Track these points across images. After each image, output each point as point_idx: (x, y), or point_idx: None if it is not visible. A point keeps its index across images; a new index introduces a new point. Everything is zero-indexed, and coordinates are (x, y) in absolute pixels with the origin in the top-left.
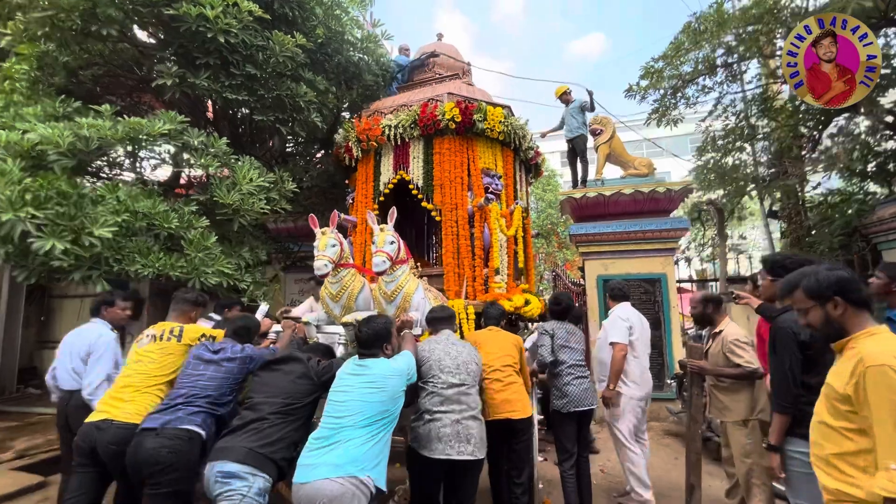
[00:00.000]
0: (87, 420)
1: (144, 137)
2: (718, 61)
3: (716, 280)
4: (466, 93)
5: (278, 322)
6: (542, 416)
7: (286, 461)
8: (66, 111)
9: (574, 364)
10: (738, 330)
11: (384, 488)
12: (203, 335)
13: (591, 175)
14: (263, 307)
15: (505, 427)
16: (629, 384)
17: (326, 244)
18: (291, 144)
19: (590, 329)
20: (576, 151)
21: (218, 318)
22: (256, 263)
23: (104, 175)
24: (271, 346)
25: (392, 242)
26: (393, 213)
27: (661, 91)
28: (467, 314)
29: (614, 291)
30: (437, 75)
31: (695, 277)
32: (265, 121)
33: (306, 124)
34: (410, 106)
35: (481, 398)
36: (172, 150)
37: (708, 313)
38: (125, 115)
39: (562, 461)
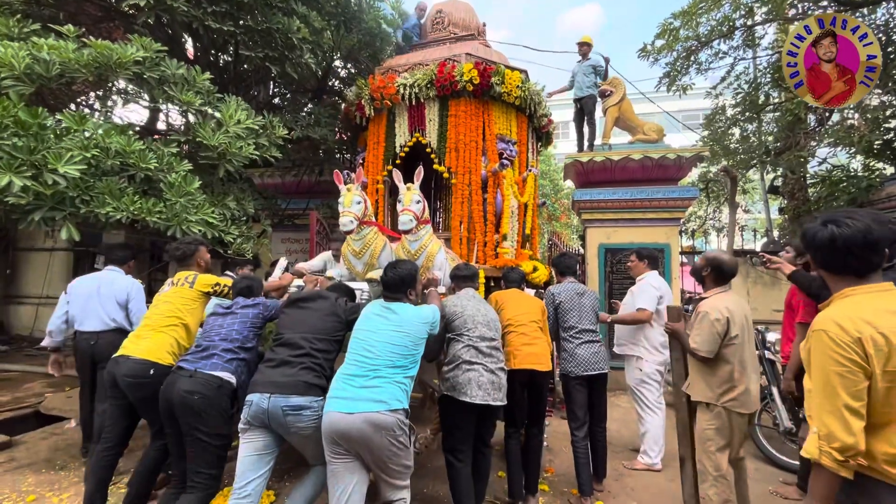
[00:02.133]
0: (113, 355)
1: (115, 65)
2: (738, 23)
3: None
4: (484, 54)
5: (300, 277)
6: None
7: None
8: (22, 32)
9: (584, 329)
10: (720, 303)
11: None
12: (217, 283)
13: (598, 140)
14: (283, 262)
15: (527, 378)
16: (651, 350)
17: (352, 201)
18: (278, 94)
19: None
20: (583, 112)
21: (233, 275)
22: (243, 217)
23: (73, 112)
24: None
25: (418, 202)
26: (419, 171)
27: (675, 53)
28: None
29: (652, 255)
30: (452, 34)
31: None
32: (252, 57)
33: (299, 65)
34: (426, 65)
35: (503, 351)
36: (148, 83)
37: (702, 275)
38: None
39: (573, 429)
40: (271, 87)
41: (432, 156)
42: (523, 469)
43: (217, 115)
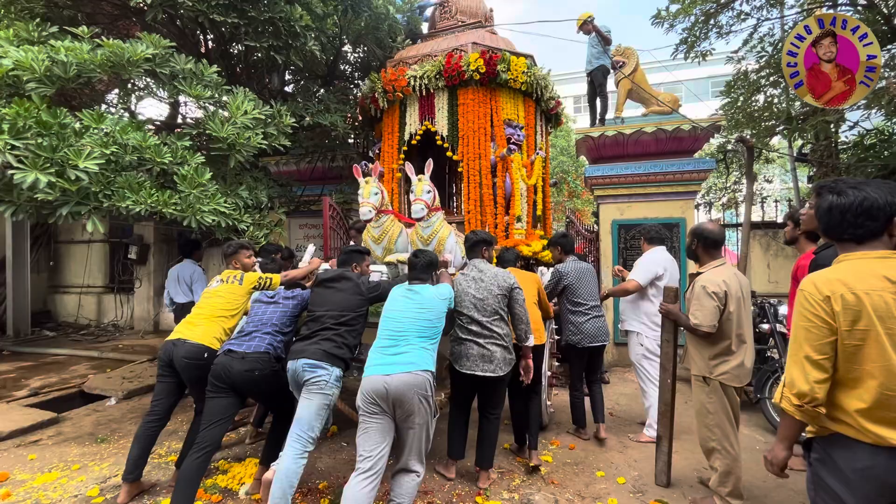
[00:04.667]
0: (166, 339)
1: (127, 63)
2: None
3: (738, 225)
4: (490, 42)
5: (327, 262)
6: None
7: (348, 359)
8: (41, 36)
9: (593, 305)
10: (717, 277)
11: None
12: (260, 278)
13: (610, 114)
14: (311, 248)
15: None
16: (651, 325)
17: (370, 192)
18: (291, 82)
19: (601, 275)
20: (594, 85)
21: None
22: (256, 205)
23: (91, 111)
24: None
25: (429, 191)
26: (429, 164)
27: (692, 18)
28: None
29: (650, 234)
30: (460, 22)
31: (709, 224)
32: (258, 47)
33: (303, 53)
34: (435, 56)
35: None
36: (160, 79)
37: (693, 250)
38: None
39: (572, 389)
40: (285, 75)
41: (444, 144)
42: (524, 430)
43: (226, 104)
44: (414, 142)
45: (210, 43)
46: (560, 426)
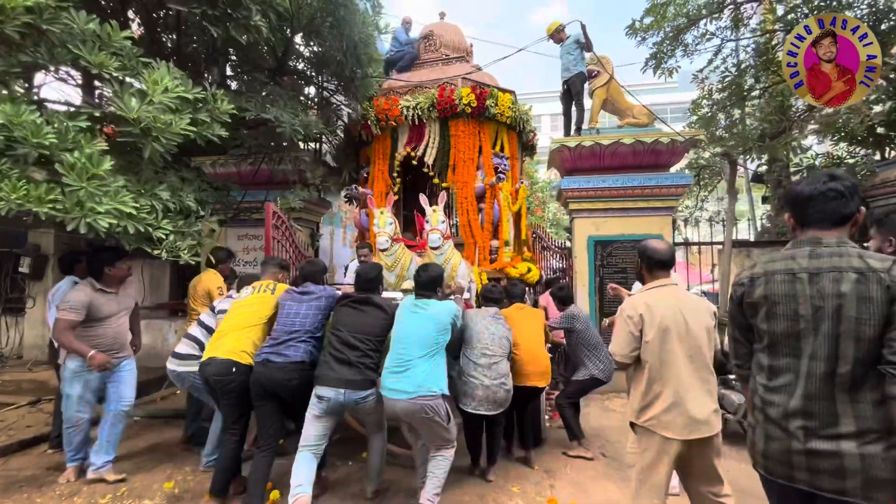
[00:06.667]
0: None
1: None
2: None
3: (712, 244)
4: (477, 77)
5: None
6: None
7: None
8: None
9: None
10: (639, 299)
11: (447, 393)
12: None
13: (584, 125)
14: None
15: (529, 391)
16: None
17: (386, 222)
18: (233, 77)
19: (578, 295)
20: (571, 93)
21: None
22: (181, 210)
23: None
24: None
25: (443, 221)
26: (443, 196)
27: (662, 33)
28: (480, 279)
29: None
30: (444, 56)
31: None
32: (191, 14)
33: (247, 29)
34: (425, 87)
35: (510, 365)
36: (49, 39)
37: (638, 271)
38: None
39: (561, 409)
40: (226, 67)
41: (429, 172)
42: (524, 433)
43: (138, 83)
44: (397, 164)
45: (137, 25)
46: (550, 475)
